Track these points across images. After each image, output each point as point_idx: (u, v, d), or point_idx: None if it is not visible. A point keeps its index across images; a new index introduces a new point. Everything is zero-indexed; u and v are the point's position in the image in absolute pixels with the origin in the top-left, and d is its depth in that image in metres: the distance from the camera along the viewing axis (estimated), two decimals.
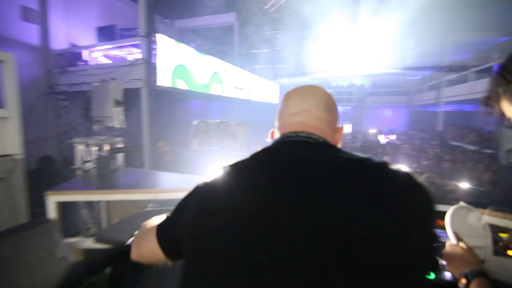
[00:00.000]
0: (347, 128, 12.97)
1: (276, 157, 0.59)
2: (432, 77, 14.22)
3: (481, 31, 9.75)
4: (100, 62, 5.31)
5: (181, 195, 1.52)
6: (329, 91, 0.71)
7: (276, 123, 0.69)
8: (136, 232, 1.15)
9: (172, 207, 0.67)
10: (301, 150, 0.59)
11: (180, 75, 5.19)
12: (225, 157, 3.88)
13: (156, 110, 4.79)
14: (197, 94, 6.26)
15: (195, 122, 4.55)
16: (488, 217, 1.03)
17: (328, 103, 0.67)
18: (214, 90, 7.61)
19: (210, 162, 3.97)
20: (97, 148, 2.04)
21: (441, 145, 9.14)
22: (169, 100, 6.71)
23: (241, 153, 4.39)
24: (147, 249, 0.67)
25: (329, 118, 0.65)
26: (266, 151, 0.61)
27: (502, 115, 0.58)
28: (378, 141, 10.36)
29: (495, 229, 1.08)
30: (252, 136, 5.86)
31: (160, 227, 0.66)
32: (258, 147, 0.63)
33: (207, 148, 4.35)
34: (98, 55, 5.35)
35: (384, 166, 0.51)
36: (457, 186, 3.74)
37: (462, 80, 10.51)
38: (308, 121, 0.63)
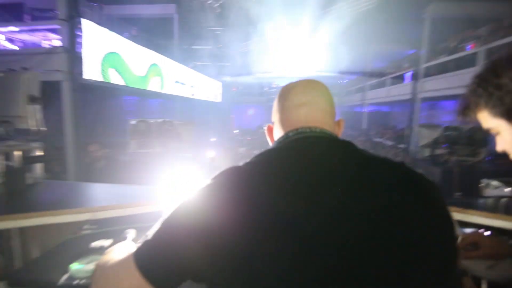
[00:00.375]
0: None
1: (302, 155, 0.53)
2: (357, 81, 16.12)
3: (394, 43, 11.50)
4: (3, 47, 4.29)
5: (129, 211, 1.29)
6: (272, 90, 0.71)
7: (277, 117, 0.65)
8: (76, 266, 0.91)
9: (119, 227, 0.50)
10: (324, 148, 0.55)
11: (112, 64, 4.57)
12: (170, 159, 3.56)
13: (82, 107, 4.11)
14: (131, 90, 5.65)
15: (132, 122, 4.07)
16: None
17: (328, 95, 0.65)
18: (153, 84, 7.01)
19: (153, 166, 3.62)
20: (3, 157, 1.58)
21: (366, 141, 10.46)
22: (98, 96, 5.87)
23: (187, 155, 4.13)
24: None
25: (331, 111, 0.64)
26: (284, 149, 0.56)
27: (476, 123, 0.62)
28: None
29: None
30: (196, 136, 5.60)
31: (149, 258, 0.47)
32: (209, 149, 0.54)
33: (148, 150, 3.95)
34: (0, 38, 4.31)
35: (406, 167, 0.52)
36: None
37: (381, 85, 12.22)
38: (315, 115, 0.61)
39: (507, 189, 1.52)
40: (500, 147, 0.60)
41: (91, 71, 4.11)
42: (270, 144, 0.69)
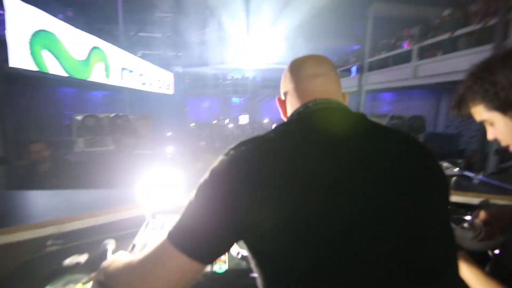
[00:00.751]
0: (245, 119, 13.70)
1: (325, 125, 0.57)
2: None
3: (342, 39, 12.34)
4: None
5: (102, 220, 1.13)
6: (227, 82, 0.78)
7: (291, 86, 0.67)
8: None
9: (92, 239, 0.47)
10: (343, 119, 0.60)
11: (45, 44, 3.89)
12: (126, 158, 3.25)
13: (9, 102, 3.46)
14: (70, 80, 4.93)
15: (78, 117, 3.58)
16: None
17: (336, 69, 0.70)
18: (97, 72, 6.24)
19: (108, 167, 3.27)
20: None
21: None
22: (28, 88, 5.02)
23: (146, 152, 3.83)
24: (167, 276, 0.47)
25: (340, 83, 0.69)
26: (307, 119, 0.59)
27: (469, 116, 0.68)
28: None
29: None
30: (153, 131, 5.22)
31: (189, 237, 0.47)
32: (167, 144, 0.54)
33: (99, 149, 3.54)
34: None
35: (412, 136, 0.64)
36: None
37: None
38: (330, 85, 0.65)
39: (456, 169, 1.76)
40: (491, 136, 0.68)
41: (19, 56, 3.47)
42: (282, 115, 0.72)
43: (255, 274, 0.50)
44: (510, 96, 0.58)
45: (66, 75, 4.33)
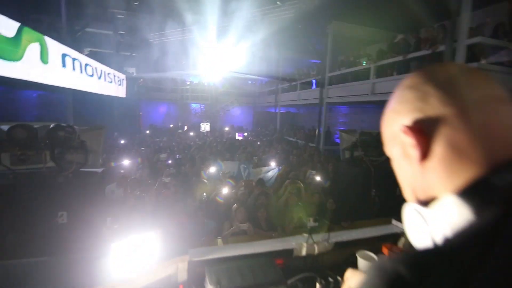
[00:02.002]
0: (206, 127, 13.14)
1: None
2: (269, 84, 17.14)
3: (303, 53, 12.80)
4: None
5: None
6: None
7: (445, 114, 0.36)
8: None
9: None
10: None
11: None
12: (69, 179, 2.61)
13: None
14: None
15: (2, 126, 2.80)
16: None
17: None
18: (31, 55, 5.15)
19: (46, 191, 2.58)
20: None
21: (281, 139, 11.19)
22: None
23: (96, 170, 3.19)
24: None
25: None
26: None
27: None
28: (237, 139, 11.19)
29: None
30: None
31: None
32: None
33: (33, 167, 2.82)
34: None
35: None
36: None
37: (292, 89, 13.36)
38: None
39: None
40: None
41: None
42: (410, 195, 0.47)
43: None
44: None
45: None
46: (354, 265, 1.27)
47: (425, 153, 0.38)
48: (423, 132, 0.38)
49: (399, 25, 7.14)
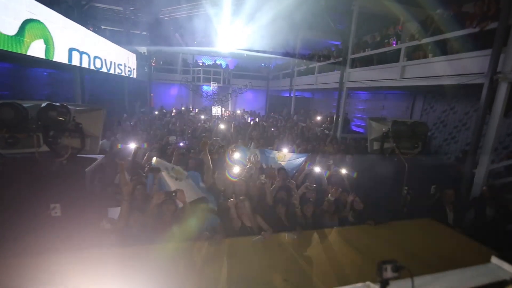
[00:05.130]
0: (218, 110, 12.72)
1: None
2: (284, 67, 16.32)
3: (322, 32, 11.88)
4: None
5: None
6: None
7: None
8: None
9: None
10: None
11: None
12: (64, 166, 2.26)
13: None
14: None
15: None
16: None
17: None
18: (34, 53, 4.95)
19: (38, 178, 2.27)
20: None
21: (293, 126, 10.65)
22: None
23: (95, 157, 2.84)
24: None
25: None
26: None
27: None
28: (249, 123, 10.73)
29: None
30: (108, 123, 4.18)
31: None
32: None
33: (21, 151, 2.50)
34: None
35: None
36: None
37: (308, 72, 12.59)
38: None
39: None
40: None
41: None
42: None
43: None
44: None
45: None
46: None
47: None
48: None
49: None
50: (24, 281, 1.69)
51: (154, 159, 3.17)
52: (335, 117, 9.17)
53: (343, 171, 4.00)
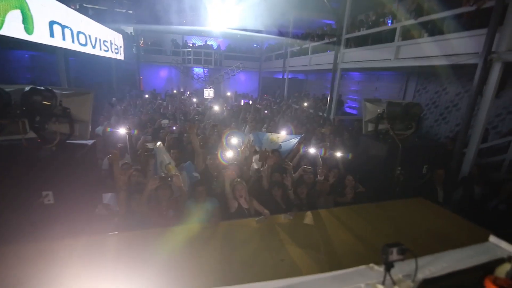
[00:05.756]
0: (210, 93, 12.45)
1: None
2: (277, 47, 15.91)
3: (315, 11, 11.50)
4: None
5: None
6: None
7: None
8: None
9: None
10: None
11: None
12: (52, 153, 2.19)
13: None
14: None
15: None
16: None
17: None
18: (11, 23, 4.64)
19: (24, 166, 2.19)
20: None
21: (288, 107, 10.59)
22: None
23: (85, 142, 2.76)
24: None
25: None
26: None
27: None
28: (242, 104, 10.60)
29: None
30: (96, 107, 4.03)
31: None
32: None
33: (7, 138, 2.41)
34: None
35: None
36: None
37: (301, 53, 12.32)
38: None
39: None
40: None
41: None
42: None
43: None
44: None
45: None
46: None
47: None
48: None
49: None
50: (23, 269, 1.67)
51: (158, 143, 3.11)
52: (328, 98, 9.12)
53: (338, 153, 4.02)
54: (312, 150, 4.06)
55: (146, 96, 12.40)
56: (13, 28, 4.75)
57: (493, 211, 3.64)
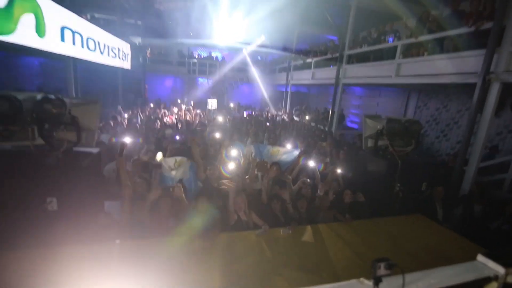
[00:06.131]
0: (213, 103, 12.62)
1: None
2: (281, 61, 16.23)
3: (319, 27, 11.80)
4: None
5: None
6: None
7: None
8: None
9: None
10: None
11: None
12: (60, 160, 2.26)
13: None
14: None
15: None
16: None
17: None
18: (25, 26, 4.79)
19: (33, 172, 2.25)
20: None
21: (291, 121, 10.70)
22: None
23: (91, 150, 2.83)
24: None
25: None
26: None
27: None
28: (245, 117, 10.73)
29: None
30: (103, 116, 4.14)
31: None
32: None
33: (15, 144, 2.47)
34: None
35: None
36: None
37: (304, 67, 12.55)
38: None
39: None
40: None
41: None
42: None
43: None
44: None
45: None
46: None
47: None
48: None
49: None
50: (24, 275, 1.70)
51: (159, 155, 3.19)
52: (330, 112, 9.22)
53: (338, 170, 4.05)
54: (311, 164, 4.10)
55: (151, 105, 12.60)
56: (25, 32, 4.90)
57: (496, 230, 3.62)
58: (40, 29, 5.33)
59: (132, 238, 2.23)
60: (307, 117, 10.44)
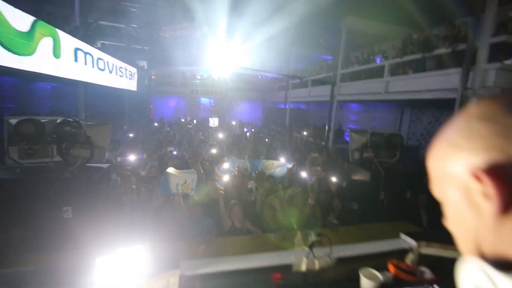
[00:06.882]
0: (215, 121, 13.13)
1: None
2: (280, 79, 16.91)
3: (314, 48, 12.49)
4: None
5: None
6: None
7: None
8: None
9: None
10: None
11: None
12: (75, 174, 2.62)
13: None
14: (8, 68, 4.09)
15: (11, 120, 2.83)
16: None
17: None
18: (43, 49, 5.30)
19: (53, 185, 2.60)
20: None
21: (290, 136, 11.07)
22: None
23: (101, 166, 3.19)
24: None
25: None
26: None
27: None
28: (246, 134, 11.13)
29: None
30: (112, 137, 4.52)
31: None
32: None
33: (38, 161, 2.85)
34: None
35: None
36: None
37: (303, 85, 13.12)
38: None
39: None
40: None
41: None
42: (470, 249, 0.35)
43: None
44: None
45: None
46: (357, 283, 1.19)
47: (506, 206, 0.29)
48: (506, 178, 0.29)
49: (417, 22, 6.83)
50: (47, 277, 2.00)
51: (170, 169, 3.57)
52: (326, 128, 9.60)
53: (333, 178, 4.34)
54: (303, 174, 4.41)
55: (156, 124, 13.15)
56: (43, 53, 5.40)
57: None
58: (56, 51, 5.90)
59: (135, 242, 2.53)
60: (304, 133, 10.81)
